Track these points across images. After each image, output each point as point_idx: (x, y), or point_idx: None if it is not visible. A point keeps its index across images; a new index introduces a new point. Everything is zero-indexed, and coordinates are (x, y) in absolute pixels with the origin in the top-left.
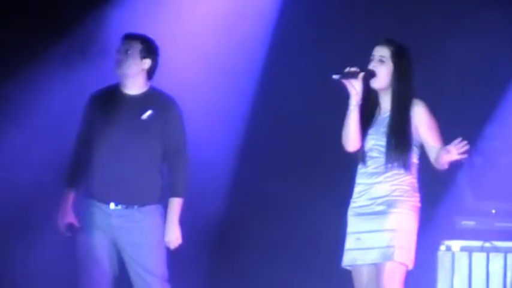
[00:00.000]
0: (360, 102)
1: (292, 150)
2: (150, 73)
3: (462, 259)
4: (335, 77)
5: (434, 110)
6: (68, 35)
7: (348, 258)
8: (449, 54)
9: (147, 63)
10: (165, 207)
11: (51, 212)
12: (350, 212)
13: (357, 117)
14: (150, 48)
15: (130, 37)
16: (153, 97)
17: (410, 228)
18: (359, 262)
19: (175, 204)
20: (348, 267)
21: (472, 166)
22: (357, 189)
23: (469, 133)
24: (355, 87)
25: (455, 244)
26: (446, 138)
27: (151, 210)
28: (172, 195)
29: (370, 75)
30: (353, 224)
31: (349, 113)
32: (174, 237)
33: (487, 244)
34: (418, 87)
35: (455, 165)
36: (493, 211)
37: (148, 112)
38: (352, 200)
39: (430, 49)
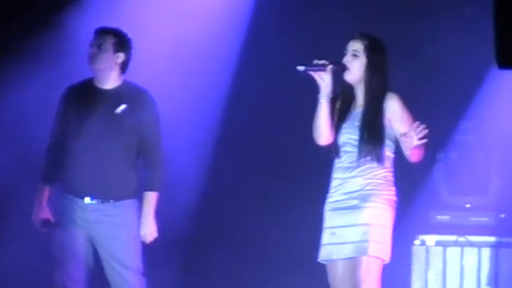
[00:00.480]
0: (329, 95)
1: (268, 144)
2: (124, 67)
3: (436, 253)
4: (300, 68)
5: (409, 105)
6: (38, 31)
7: (324, 253)
8: (424, 49)
9: (121, 57)
10: (141, 201)
11: (24, 209)
12: (326, 207)
13: (326, 111)
14: (123, 42)
15: (103, 31)
16: (127, 91)
17: (384, 222)
18: (334, 257)
19: (151, 198)
20: (323, 262)
21: (446, 161)
22: (333, 184)
23: (443, 128)
24: (324, 80)
25: (430, 238)
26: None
27: (127, 205)
28: (147, 189)
29: (341, 68)
30: (329, 218)
31: (319, 106)
32: (149, 231)
33: (461, 238)
34: (393, 82)
35: (430, 160)
36: (468, 206)
37: (123, 106)
38: (329, 195)
39: (405, 43)
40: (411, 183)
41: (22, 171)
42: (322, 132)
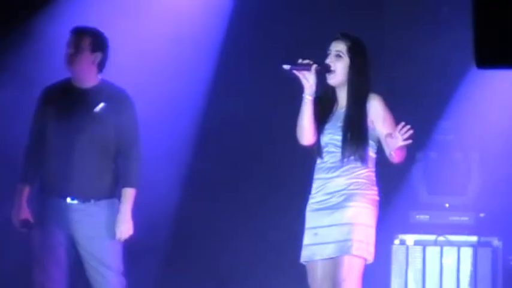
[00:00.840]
0: (314, 95)
1: (249, 144)
2: (101, 66)
3: (416, 253)
4: (285, 67)
5: (388, 105)
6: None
7: (306, 254)
8: (403, 49)
9: (98, 56)
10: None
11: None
12: (308, 208)
13: (311, 110)
14: (100, 42)
15: (80, 31)
16: (105, 90)
17: (368, 221)
18: (317, 257)
19: (128, 195)
20: (304, 263)
21: (426, 161)
22: (315, 184)
23: (423, 128)
24: (308, 80)
25: (410, 238)
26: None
27: (108, 204)
28: (125, 186)
29: (325, 69)
30: (310, 219)
31: (303, 106)
32: (125, 228)
33: (441, 238)
34: (373, 82)
35: (409, 160)
36: (447, 205)
37: (101, 105)
38: (311, 195)
39: (385, 44)
40: (391, 182)
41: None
42: (306, 132)
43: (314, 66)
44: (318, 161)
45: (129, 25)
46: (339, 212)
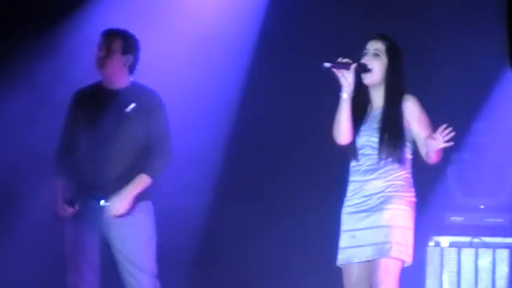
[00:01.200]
0: (351, 94)
1: (281, 144)
2: (132, 68)
3: (451, 255)
4: (326, 65)
5: (424, 106)
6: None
7: (344, 257)
8: (438, 49)
9: (129, 59)
10: (156, 205)
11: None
12: (344, 211)
13: (348, 109)
14: (131, 44)
15: (110, 33)
16: (135, 91)
17: (406, 223)
18: (355, 260)
19: (140, 180)
20: (340, 266)
21: (460, 162)
22: (351, 187)
23: (457, 129)
24: (346, 79)
25: (444, 240)
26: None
27: (140, 206)
28: (142, 172)
29: (363, 68)
30: (347, 221)
31: (340, 105)
32: (118, 204)
33: (476, 240)
34: (408, 83)
35: (444, 161)
36: (482, 207)
37: (132, 105)
38: (346, 198)
39: (419, 44)
40: (425, 184)
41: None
42: (344, 130)
43: (354, 65)
44: (353, 163)
45: (159, 26)
46: (377, 215)
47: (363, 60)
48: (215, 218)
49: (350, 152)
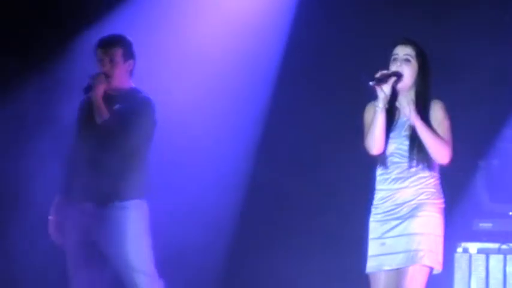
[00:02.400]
0: (387, 106)
1: (308, 151)
2: (132, 72)
3: (479, 261)
4: (371, 83)
5: (450, 112)
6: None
7: (373, 264)
8: (467, 54)
9: (130, 64)
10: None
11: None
12: (372, 218)
13: (384, 120)
14: (129, 49)
15: (109, 44)
16: (128, 95)
17: (437, 230)
18: (386, 267)
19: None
20: (369, 273)
21: (488, 168)
22: (379, 195)
23: (485, 135)
24: (384, 91)
25: (472, 246)
26: (463, 139)
27: (130, 205)
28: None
29: (399, 77)
30: (376, 229)
31: (376, 116)
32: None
33: (504, 246)
34: (434, 88)
35: (472, 168)
36: (510, 213)
37: (116, 106)
38: (374, 206)
39: (447, 49)
40: (454, 190)
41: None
42: (378, 141)
43: (393, 80)
44: (380, 171)
45: (192, 28)
46: (408, 222)
47: (393, 66)
48: (242, 223)
49: (379, 160)
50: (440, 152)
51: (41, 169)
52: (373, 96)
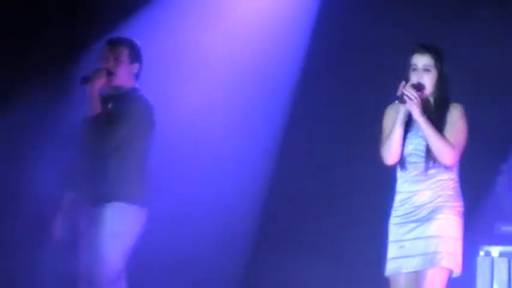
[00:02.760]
0: (406, 119)
1: (326, 152)
2: (137, 76)
3: (501, 264)
4: (398, 102)
5: (472, 116)
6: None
7: (392, 267)
8: (489, 56)
9: (136, 67)
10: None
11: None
12: (392, 221)
13: (401, 134)
14: (137, 52)
15: (117, 43)
16: (126, 95)
17: (456, 233)
18: (404, 270)
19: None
20: (388, 276)
21: (510, 171)
22: (399, 197)
23: (508, 138)
24: (408, 108)
25: (495, 250)
26: (485, 141)
27: (115, 207)
28: None
29: (421, 90)
30: (395, 232)
31: (395, 129)
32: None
33: None
34: (456, 92)
35: (494, 171)
36: None
37: (110, 105)
38: (394, 208)
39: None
40: (475, 193)
41: None
42: (394, 154)
43: (417, 101)
44: (400, 172)
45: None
46: (426, 225)
47: (413, 76)
48: (264, 225)
49: (398, 161)
50: (442, 152)
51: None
52: (394, 98)
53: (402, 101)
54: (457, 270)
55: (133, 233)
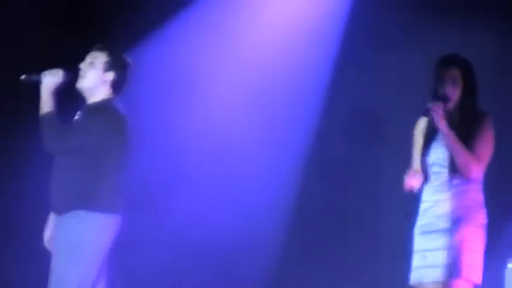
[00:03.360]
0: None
1: (360, 159)
2: (115, 86)
3: None
4: (425, 116)
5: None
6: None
7: (416, 276)
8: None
9: (111, 75)
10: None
11: None
12: (416, 230)
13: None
14: (115, 61)
15: (97, 47)
16: (99, 106)
17: (476, 245)
18: (426, 279)
19: None
20: (414, 285)
21: None
22: (423, 206)
23: None
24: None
25: None
26: None
27: (69, 217)
28: None
29: (446, 102)
30: (419, 241)
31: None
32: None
33: None
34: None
35: None
36: None
37: (78, 113)
38: (418, 217)
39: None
40: (503, 205)
41: None
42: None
43: (442, 115)
44: (425, 182)
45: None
46: (448, 236)
47: (439, 87)
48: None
49: (421, 170)
50: (466, 166)
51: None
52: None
53: (428, 114)
54: (478, 282)
55: (96, 241)
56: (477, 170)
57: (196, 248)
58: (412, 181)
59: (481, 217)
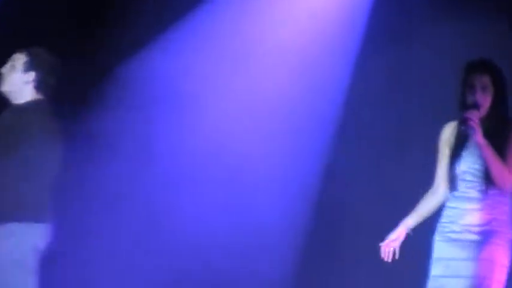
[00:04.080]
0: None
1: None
2: (40, 86)
3: None
4: (461, 126)
5: None
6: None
7: (435, 285)
8: None
9: (32, 76)
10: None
11: None
12: (438, 237)
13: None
14: (33, 61)
15: (18, 50)
16: (25, 108)
17: (504, 261)
18: None
19: None
20: None
21: None
22: (448, 213)
23: None
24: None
25: None
26: None
27: (9, 228)
28: None
29: (478, 110)
30: (441, 249)
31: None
32: None
33: None
34: None
35: None
36: None
37: (10, 120)
38: (441, 223)
39: None
40: None
41: None
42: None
43: (477, 124)
44: (451, 190)
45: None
46: (476, 247)
47: (469, 94)
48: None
49: (449, 178)
50: (500, 178)
51: None
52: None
53: (465, 123)
54: None
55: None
56: (511, 182)
57: (203, 253)
58: (392, 243)
59: (510, 232)
